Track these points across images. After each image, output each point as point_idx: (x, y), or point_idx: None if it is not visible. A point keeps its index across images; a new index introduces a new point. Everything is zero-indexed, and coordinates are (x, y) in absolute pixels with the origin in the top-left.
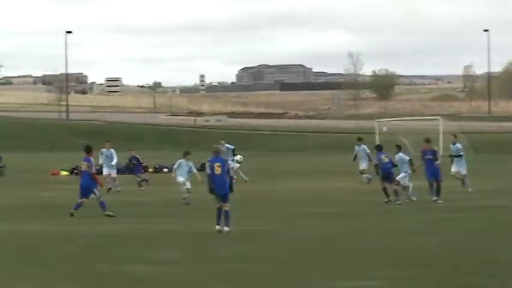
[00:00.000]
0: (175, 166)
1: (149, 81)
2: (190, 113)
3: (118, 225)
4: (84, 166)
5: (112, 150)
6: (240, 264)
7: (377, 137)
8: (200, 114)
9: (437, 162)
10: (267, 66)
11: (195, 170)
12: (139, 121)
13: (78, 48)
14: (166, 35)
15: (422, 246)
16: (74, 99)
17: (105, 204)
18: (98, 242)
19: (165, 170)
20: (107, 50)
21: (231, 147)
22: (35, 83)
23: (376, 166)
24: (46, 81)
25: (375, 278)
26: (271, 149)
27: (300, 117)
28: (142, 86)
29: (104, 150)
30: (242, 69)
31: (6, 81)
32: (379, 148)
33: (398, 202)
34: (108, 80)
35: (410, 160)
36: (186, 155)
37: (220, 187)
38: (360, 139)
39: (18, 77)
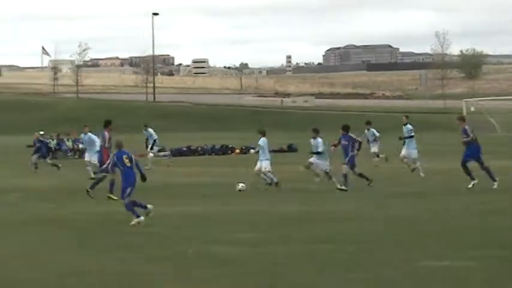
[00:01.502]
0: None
1: (236, 63)
2: (277, 94)
3: (203, 206)
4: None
5: (90, 135)
6: (324, 245)
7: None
8: (287, 95)
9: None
10: (354, 46)
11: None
12: (226, 102)
13: (165, 30)
14: (253, 16)
15: (508, 226)
16: (161, 81)
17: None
18: (183, 224)
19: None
20: (193, 32)
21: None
22: (122, 65)
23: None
24: (133, 63)
25: (462, 258)
26: (357, 129)
27: (387, 98)
28: (229, 68)
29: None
30: (329, 49)
31: (94, 64)
32: None
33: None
34: (195, 62)
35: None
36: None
37: None
38: (368, 123)
39: (106, 59)
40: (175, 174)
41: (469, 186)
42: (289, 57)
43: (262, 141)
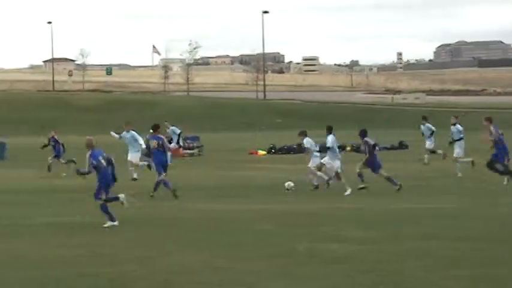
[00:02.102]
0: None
1: (346, 60)
2: (388, 91)
3: (309, 204)
4: (154, 144)
5: (133, 133)
6: (432, 242)
7: None
8: (397, 92)
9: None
10: (465, 42)
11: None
12: (337, 100)
13: (276, 27)
14: (364, 13)
15: None
16: (271, 78)
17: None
18: (292, 221)
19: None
20: (304, 29)
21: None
22: (232, 63)
23: None
24: (243, 61)
25: None
26: (470, 126)
27: (499, 94)
28: (339, 65)
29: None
30: (440, 46)
31: (204, 62)
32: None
33: None
34: (305, 59)
35: None
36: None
37: None
38: (424, 118)
39: (216, 57)
40: (281, 171)
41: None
42: (400, 54)
43: (307, 141)
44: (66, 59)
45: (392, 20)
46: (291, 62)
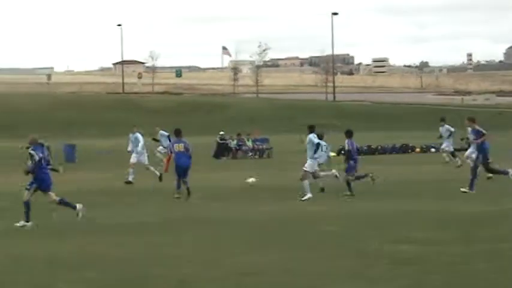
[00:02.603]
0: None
1: (416, 61)
2: (457, 92)
3: (375, 203)
4: (179, 147)
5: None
6: (503, 244)
7: None
8: (467, 93)
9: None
10: None
11: None
12: (407, 101)
13: (345, 29)
14: (433, 15)
15: None
16: (341, 80)
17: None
18: (358, 223)
19: (433, 150)
20: (373, 31)
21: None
22: (301, 64)
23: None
24: (312, 62)
25: None
26: None
27: None
28: (409, 66)
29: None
30: (510, 47)
31: (274, 64)
32: None
33: None
34: (375, 61)
35: None
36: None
37: None
38: (442, 119)
39: (285, 59)
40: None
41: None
42: (469, 55)
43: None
44: (135, 62)
45: (463, 21)
46: (360, 63)
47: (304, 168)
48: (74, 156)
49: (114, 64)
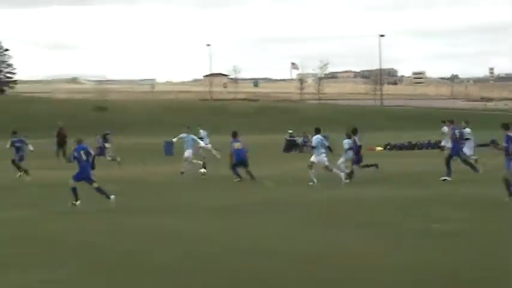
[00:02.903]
0: None
1: (448, 74)
2: (482, 99)
3: (416, 190)
4: (237, 145)
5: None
6: None
7: None
8: (490, 100)
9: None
10: None
11: None
12: (440, 106)
13: (390, 48)
14: (461, 36)
15: None
16: (387, 89)
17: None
18: (404, 204)
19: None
20: (413, 49)
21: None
22: (355, 76)
23: None
24: (364, 75)
25: None
26: None
27: None
28: (442, 78)
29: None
30: None
31: (332, 76)
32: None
33: None
34: (415, 73)
35: None
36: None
37: None
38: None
39: (342, 72)
40: (395, 163)
41: None
42: (491, 68)
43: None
44: (221, 74)
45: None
46: (402, 75)
47: (312, 160)
48: (172, 150)
49: (204, 76)
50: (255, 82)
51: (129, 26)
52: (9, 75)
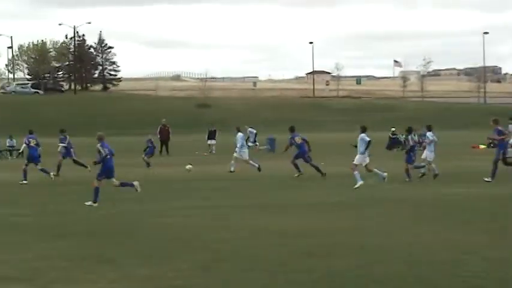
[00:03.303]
0: None
1: None
2: None
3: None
4: (299, 140)
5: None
6: None
7: None
8: None
9: None
10: None
11: None
12: None
13: (494, 45)
14: None
15: None
16: (490, 87)
17: None
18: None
19: None
20: None
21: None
22: (458, 74)
23: None
24: (467, 72)
25: None
26: None
27: None
28: None
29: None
30: None
31: (435, 73)
32: None
33: None
34: None
35: None
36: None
37: None
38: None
39: (445, 69)
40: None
41: None
42: None
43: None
44: (324, 72)
45: None
46: (506, 73)
47: (354, 162)
48: (275, 146)
49: (306, 74)
50: (358, 79)
51: (232, 24)
52: (113, 72)
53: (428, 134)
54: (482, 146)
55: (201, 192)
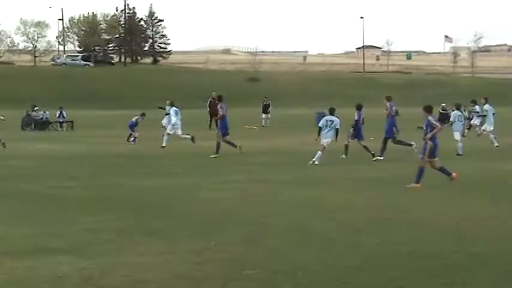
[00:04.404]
0: None
1: None
2: None
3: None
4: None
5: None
6: None
7: None
8: None
9: None
10: None
11: None
12: None
13: None
14: None
15: None
16: None
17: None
18: None
19: None
20: None
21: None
22: (509, 50)
23: None
24: None
25: None
26: None
27: None
28: None
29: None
30: None
31: (486, 49)
32: None
33: None
34: None
35: None
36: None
37: None
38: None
39: (496, 45)
40: None
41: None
42: None
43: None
44: (374, 47)
45: None
46: None
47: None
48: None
49: (357, 49)
50: (408, 55)
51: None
52: (163, 45)
53: (486, 106)
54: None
55: (248, 167)
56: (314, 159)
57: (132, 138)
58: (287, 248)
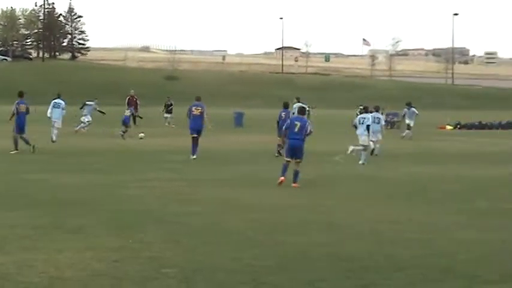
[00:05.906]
0: None
1: None
2: None
3: (489, 171)
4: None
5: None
6: None
7: None
8: None
9: None
10: None
11: None
12: (510, 87)
13: (463, 26)
14: None
15: None
16: (458, 68)
17: None
18: (474, 184)
19: None
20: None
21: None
22: (426, 54)
23: None
24: (436, 53)
25: None
26: None
27: None
28: None
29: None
30: None
31: (404, 53)
32: None
33: None
34: (487, 53)
35: None
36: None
37: None
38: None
39: (413, 49)
40: (465, 142)
41: None
42: None
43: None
44: (293, 48)
45: None
46: (474, 55)
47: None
48: (242, 121)
49: (276, 49)
50: (326, 56)
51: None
52: (82, 42)
53: (413, 109)
54: (448, 127)
55: (171, 164)
56: (361, 161)
57: (121, 133)
58: (205, 247)
